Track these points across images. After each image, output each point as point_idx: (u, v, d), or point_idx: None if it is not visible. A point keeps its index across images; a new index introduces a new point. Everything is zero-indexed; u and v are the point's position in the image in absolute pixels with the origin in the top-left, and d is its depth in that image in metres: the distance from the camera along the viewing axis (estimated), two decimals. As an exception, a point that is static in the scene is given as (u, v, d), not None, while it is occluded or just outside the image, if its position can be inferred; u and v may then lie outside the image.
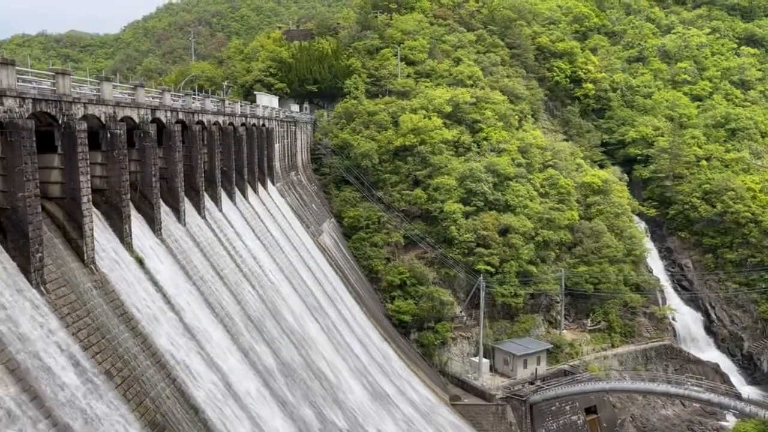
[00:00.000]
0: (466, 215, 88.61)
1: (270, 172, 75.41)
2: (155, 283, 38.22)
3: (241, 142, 63.74)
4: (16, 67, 28.40)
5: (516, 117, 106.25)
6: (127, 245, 37.59)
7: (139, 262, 37.92)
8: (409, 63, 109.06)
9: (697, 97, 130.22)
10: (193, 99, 53.82)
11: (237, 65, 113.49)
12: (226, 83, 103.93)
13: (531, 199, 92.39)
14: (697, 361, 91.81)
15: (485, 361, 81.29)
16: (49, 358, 26.09)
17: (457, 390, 78.63)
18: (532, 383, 78.15)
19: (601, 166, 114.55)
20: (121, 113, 38.66)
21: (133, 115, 40.74)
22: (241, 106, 67.85)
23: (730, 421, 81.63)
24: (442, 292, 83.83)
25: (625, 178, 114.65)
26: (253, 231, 61.05)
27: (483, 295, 79.74)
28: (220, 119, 58.38)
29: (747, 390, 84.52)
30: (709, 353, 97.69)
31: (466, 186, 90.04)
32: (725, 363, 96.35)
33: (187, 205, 48.76)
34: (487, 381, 78.93)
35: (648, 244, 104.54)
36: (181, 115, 49.30)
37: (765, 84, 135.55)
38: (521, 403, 75.35)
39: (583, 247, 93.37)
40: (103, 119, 36.36)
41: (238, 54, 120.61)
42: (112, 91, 37.92)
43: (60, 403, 25.05)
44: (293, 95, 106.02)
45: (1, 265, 27.05)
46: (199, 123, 53.12)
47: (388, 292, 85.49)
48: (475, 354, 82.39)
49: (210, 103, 57.26)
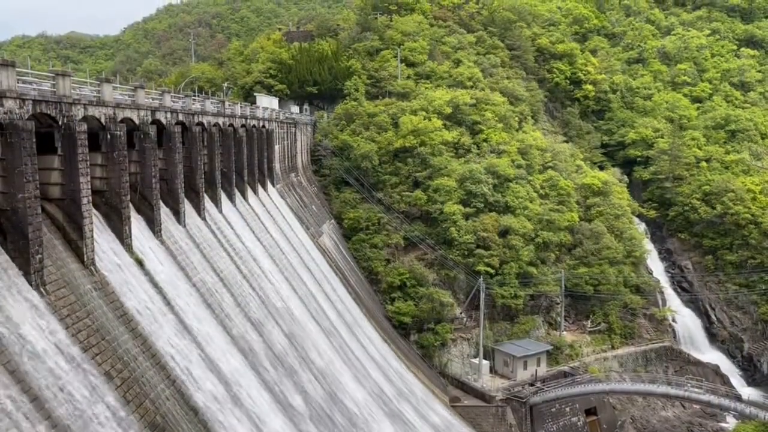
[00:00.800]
0: (466, 216, 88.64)
1: (270, 174, 75.42)
2: (155, 284, 38.20)
3: (241, 144, 63.76)
4: (17, 69, 28.39)
5: (516, 118, 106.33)
6: (127, 246, 37.58)
7: (139, 263, 37.90)
8: (409, 64, 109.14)
9: (697, 99, 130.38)
10: (193, 100, 53.80)
11: (237, 67, 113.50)
12: (226, 85, 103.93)
13: (531, 201, 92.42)
14: (697, 363, 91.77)
15: (485, 363, 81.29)
16: (49, 359, 26.09)
17: (457, 391, 78.62)
18: (532, 385, 78.15)
19: (601, 168, 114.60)
20: (121, 114, 38.65)
21: (133, 116, 40.73)
22: (241, 107, 67.85)
23: (731, 422, 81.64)
24: (442, 293, 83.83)
25: (625, 179, 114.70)
26: (253, 232, 61.05)
27: (483, 296, 79.74)
28: (220, 121, 58.38)
29: (747, 391, 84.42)
30: (709, 355, 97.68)
31: (466, 187, 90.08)
32: (725, 364, 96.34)
33: (187, 207, 48.75)
34: (487, 382, 78.92)
35: (648, 245, 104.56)
36: (181, 117, 49.29)
37: (765, 85, 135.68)
38: (521, 404, 75.34)
39: (583, 248, 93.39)
40: (103, 120, 36.36)
41: (238, 55, 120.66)
42: (112, 92, 37.91)
43: (60, 405, 25.05)
44: (293, 97, 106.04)
45: (0, 267, 27.04)
46: (199, 124, 53.12)
47: (388, 293, 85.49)
48: (475, 355, 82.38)
49: (210, 105, 57.25)
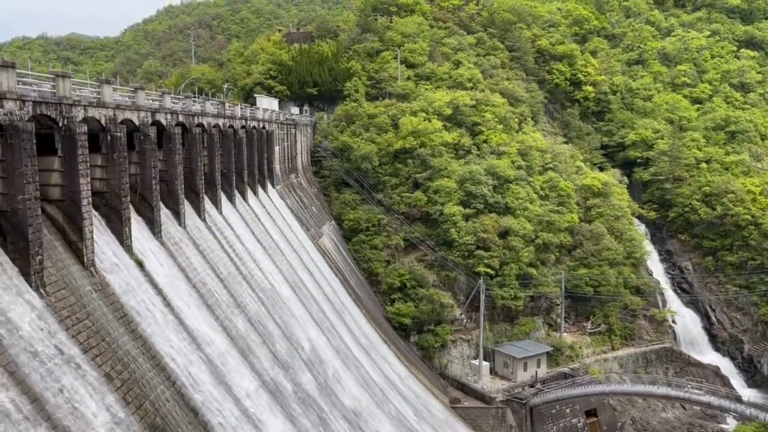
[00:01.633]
0: (466, 218, 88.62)
1: (270, 175, 75.44)
2: (155, 285, 38.19)
3: (241, 145, 63.77)
4: (17, 70, 28.39)
5: (516, 119, 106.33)
6: (127, 248, 37.57)
7: (139, 264, 37.88)
8: (409, 66, 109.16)
9: (697, 100, 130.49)
10: (193, 102, 53.80)
11: (237, 68, 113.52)
12: (226, 86, 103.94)
13: (531, 202, 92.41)
14: (697, 364, 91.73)
15: (485, 364, 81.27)
16: (49, 360, 26.06)
17: (457, 393, 78.59)
18: (532, 386, 78.13)
19: (601, 169, 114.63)
20: (121, 116, 38.64)
21: (133, 117, 40.72)
22: (241, 108, 67.88)
23: (731, 423, 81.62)
24: (442, 294, 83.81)
25: (625, 180, 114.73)
26: (253, 233, 61.05)
27: (483, 297, 79.73)
28: (220, 122, 58.39)
29: (747, 393, 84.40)
30: (710, 356, 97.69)
31: (466, 188, 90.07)
32: (725, 366, 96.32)
33: (187, 208, 48.74)
34: (487, 384, 78.89)
35: (648, 246, 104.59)
36: (181, 118, 49.28)
37: (765, 87, 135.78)
38: (521, 406, 75.32)
39: (583, 249, 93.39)
40: (103, 122, 36.36)
41: (238, 57, 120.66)
42: (112, 93, 37.91)
43: (60, 406, 25.03)
44: (293, 98, 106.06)
45: (0, 268, 27.03)
46: (199, 125, 53.12)
47: (388, 294, 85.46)
48: (475, 357, 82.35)
49: (210, 106, 57.25)
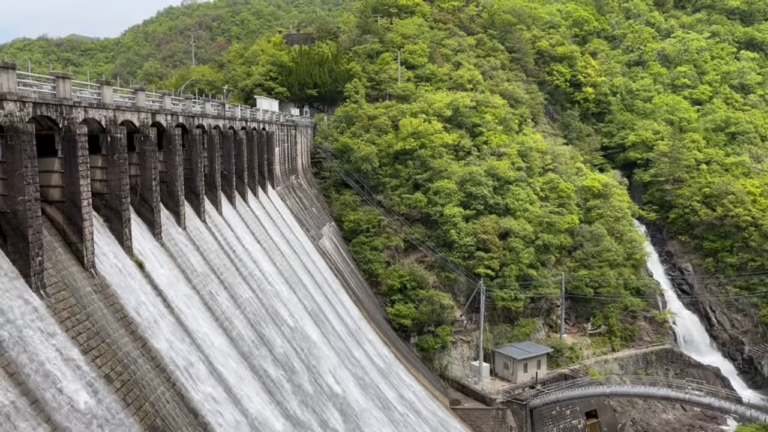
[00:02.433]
0: (466, 219, 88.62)
1: (270, 176, 75.47)
2: (155, 286, 38.18)
3: (241, 146, 63.82)
4: (17, 71, 28.39)
5: (516, 121, 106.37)
6: (127, 249, 37.57)
7: (139, 265, 37.88)
8: (409, 67, 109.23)
9: (697, 101, 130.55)
10: (194, 103, 53.82)
11: (237, 69, 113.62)
12: (226, 87, 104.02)
13: (531, 203, 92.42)
14: (697, 365, 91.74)
15: (485, 365, 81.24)
16: (48, 362, 26.04)
17: (458, 394, 78.55)
18: (532, 387, 78.10)
19: (601, 170, 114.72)
20: (121, 117, 38.64)
21: (134, 119, 40.74)
22: (241, 110, 67.92)
23: (731, 425, 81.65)
24: (442, 295, 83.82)
25: (625, 181, 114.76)
26: (253, 235, 61.05)
27: (483, 298, 79.71)
28: (220, 123, 58.42)
29: (747, 394, 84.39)
30: (710, 357, 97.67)
31: (466, 190, 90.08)
32: (726, 367, 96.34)
33: (188, 209, 48.75)
34: (488, 385, 78.86)
35: (648, 247, 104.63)
36: (181, 119, 49.30)
37: (765, 88, 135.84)
38: (521, 407, 75.29)
39: (583, 250, 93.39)
40: (103, 123, 36.37)
41: (239, 58, 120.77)
42: (112, 95, 37.91)
43: (59, 407, 25.01)
44: (293, 99, 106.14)
45: (0, 269, 27.03)
46: (200, 127, 53.14)
47: (389, 295, 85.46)
48: (476, 358, 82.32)
49: (210, 107, 57.28)
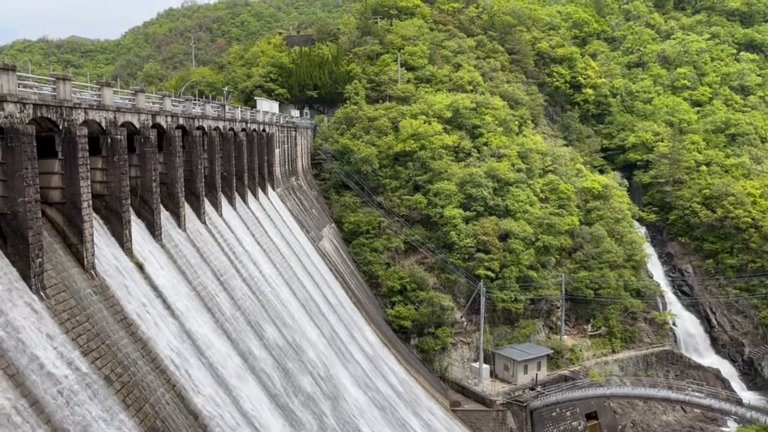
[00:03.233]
0: (466, 220, 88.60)
1: (270, 178, 75.48)
2: (155, 288, 38.18)
3: (241, 148, 63.84)
4: (17, 73, 28.42)
5: (516, 122, 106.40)
6: (128, 250, 37.58)
7: (140, 267, 37.88)
8: (409, 68, 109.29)
9: (697, 103, 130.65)
10: (194, 104, 53.86)
11: (237, 71, 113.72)
12: (226, 89, 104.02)
13: (531, 204, 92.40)
14: (697, 367, 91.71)
15: (486, 367, 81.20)
16: (48, 363, 26.04)
17: (458, 396, 78.52)
18: (532, 389, 78.06)
19: (601, 172, 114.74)
20: (121, 118, 38.66)
21: (134, 120, 40.76)
22: (241, 111, 67.95)
23: (731, 426, 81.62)
24: (443, 297, 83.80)
25: (625, 183, 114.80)
26: (253, 236, 61.04)
27: (483, 300, 79.68)
28: (220, 124, 58.45)
29: (748, 395, 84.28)
30: (710, 359, 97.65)
31: (466, 191, 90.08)
32: (726, 368, 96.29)
33: (188, 211, 48.75)
34: (488, 387, 78.81)
35: (648, 249, 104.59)
36: (181, 121, 49.33)
37: (765, 89, 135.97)
38: (522, 408, 75.24)
39: (583, 252, 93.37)
40: (103, 125, 36.40)
41: (239, 59, 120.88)
42: (112, 96, 37.94)
43: (59, 409, 24.99)
44: (293, 101, 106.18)
45: (1, 271, 27.03)
46: (200, 128, 53.17)
47: (389, 297, 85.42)
48: (476, 359, 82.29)
49: (210, 109, 57.32)
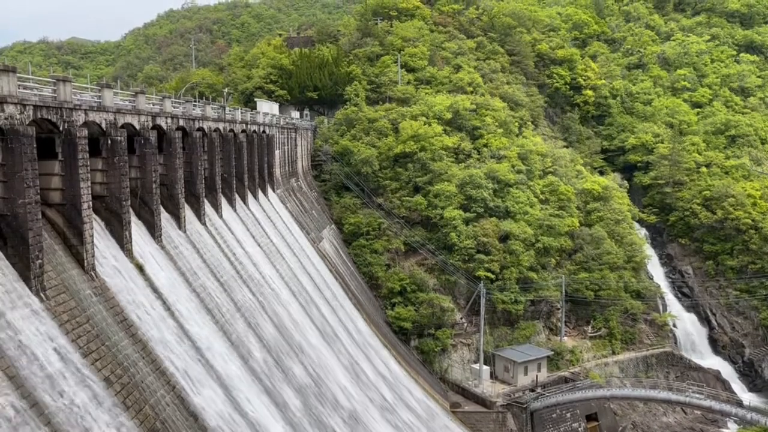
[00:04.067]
0: (467, 222, 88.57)
1: (270, 179, 75.49)
2: (155, 289, 38.19)
3: (241, 149, 63.85)
4: (18, 74, 28.45)
5: (516, 123, 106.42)
6: (128, 252, 37.59)
7: (140, 268, 37.89)
8: (409, 70, 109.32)
9: (697, 104, 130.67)
10: (194, 106, 53.88)
11: (237, 72, 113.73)
12: (226, 90, 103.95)
13: (531, 206, 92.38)
14: (698, 368, 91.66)
15: (486, 368, 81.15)
16: (48, 364, 26.05)
17: (458, 397, 78.48)
18: (532, 390, 78.01)
19: (601, 173, 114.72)
20: (121, 120, 38.69)
21: (134, 121, 40.79)
22: (241, 112, 67.98)
23: (732, 428, 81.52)
24: (443, 298, 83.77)
25: (625, 184, 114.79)
26: (253, 237, 61.04)
27: (483, 301, 79.64)
28: (220, 126, 58.48)
29: (748, 397, 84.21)
30: (710, 360, 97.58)
31: (466, 192, 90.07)
32: (726, 370, 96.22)
33: (188, 212, 48.78)
34: (488, 388, 78.78)
35: (648, 250, 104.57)
36: (181, 122, 49.37)
37: (765, 91, 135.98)
38: (522, 410, 75.19)
39: (583, 253, 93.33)
40: (103, 126, 36.42)
41: (239, 61, 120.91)
42: (112, 98, 37.98)
43: (59, 410, 24.99)
44: (294, 102, 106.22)
45: (0, 272, 27.02)
46: (200, 130, 53.20)
47: (389, 298, 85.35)
48: (476, 361, 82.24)
49: (210, 110, 57.35)
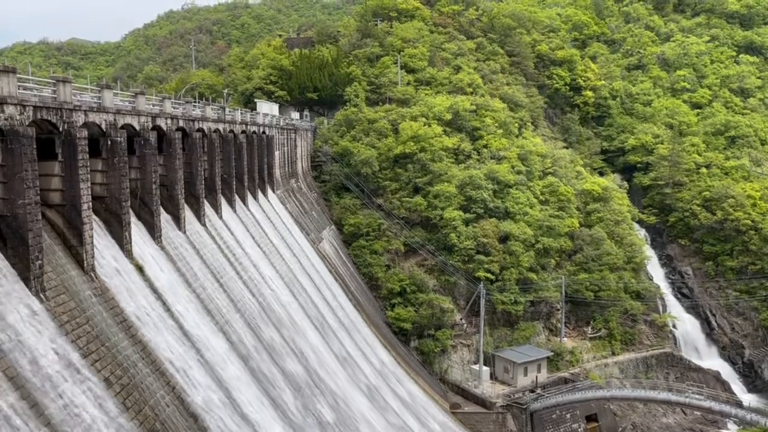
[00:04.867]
0: (466, 222, 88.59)
1: (270, 180, 75.49)
2: (155, 290, 38.18)
3: (241, 150, 63.85)
4: (17, 75, 28.45)
5: (516, 124, 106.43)
6: (127, 252, 37.58)
7: (139, 269, 37.88)
8: (409, 71, 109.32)
9: (697, 105, 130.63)
10: (194, 107, 53.89)
11: (237, 73, 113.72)
12: (226, 91, 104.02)
13: (531, 207, 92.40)
14: (697, 369, 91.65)
15: (485, 369, 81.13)
16: (48, 365, 26.03)
17: (458, 398, 78.48)
18: (532, 391, 78.00)
19: (601, 174, 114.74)
20: (121, 121, 38.69)
21: (134, 122, 40.80)
22: (241, 113, 67.99)
23: (731, 429, 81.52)
24: (442, 299, 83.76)
25: (625, 185, 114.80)
26: (253, 238, 61.03)
27: (483, 302, 79.63)
28: (220, 127, 58.48)
29: (748, 398, 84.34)
30: (710, 361, 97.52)
31: (466, 193, 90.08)
32: (726, 371, 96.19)
33: (187, 213, 48.77)
34: (488, 389, 78.76)
35: (648, 251, 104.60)
36: (181, 123, 49.38)
37: (764, 92, 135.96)
38: (522, 411, 75.18)
39: (583, 254, 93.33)
40: (103, 127, 36.42)
41: (239, 62, 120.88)
42: (112, 98, 37.99)
43: (59, 411, 24.98)
44: (293, 103, 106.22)
45: (0, 273, 27.02)
46: (200, 130, 53.20)
47: (388, 299, 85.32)
48: (476, 362, 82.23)
49: (210, 111, 57.35)
